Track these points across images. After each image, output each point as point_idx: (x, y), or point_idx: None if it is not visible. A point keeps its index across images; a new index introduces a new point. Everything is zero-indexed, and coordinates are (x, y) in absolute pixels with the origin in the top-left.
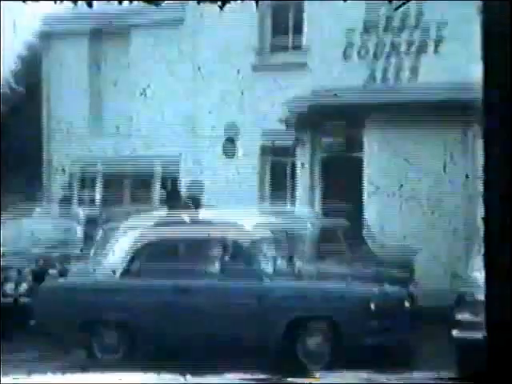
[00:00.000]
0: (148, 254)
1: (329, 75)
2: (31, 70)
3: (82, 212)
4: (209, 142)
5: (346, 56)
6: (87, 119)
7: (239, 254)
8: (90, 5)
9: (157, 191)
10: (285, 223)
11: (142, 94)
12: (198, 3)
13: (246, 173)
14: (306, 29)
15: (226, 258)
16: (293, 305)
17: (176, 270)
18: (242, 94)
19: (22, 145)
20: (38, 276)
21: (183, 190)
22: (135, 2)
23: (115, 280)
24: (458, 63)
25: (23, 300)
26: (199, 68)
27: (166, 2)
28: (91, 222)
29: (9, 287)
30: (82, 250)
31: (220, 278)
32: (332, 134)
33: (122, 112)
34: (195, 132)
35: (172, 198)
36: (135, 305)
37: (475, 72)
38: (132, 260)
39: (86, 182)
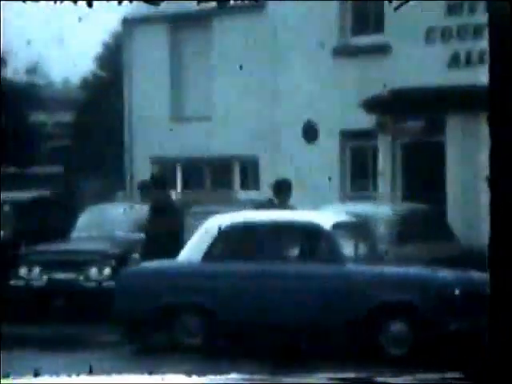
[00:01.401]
0: (230, 237)
1: (411, 58)
2: (114, 55)
3: None
4: (289, 125)
5: (428, 39)
6: (168, 104)
7: (321, 238)
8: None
9: (237, 175)
10: (366, 208)
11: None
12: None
13: (327, 158)
14: (387, 11)
15: (308, 242)
16: (376, 290)
17: (257, 254)
18: (322, 77)
19: (103, 130)
20: (121, 260)
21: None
22: None
23: (197, 264)
24: None
25: (107, 284)
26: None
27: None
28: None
29: (93, 271)
30: None
31: (301, 263)
32: (413, 118)
33: (202, 97)
34: (275, 117)
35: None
36: (217, 289)
37: None
38: (214, 244)
39: (167, 166)
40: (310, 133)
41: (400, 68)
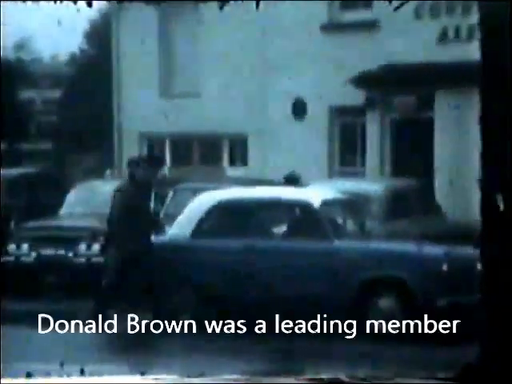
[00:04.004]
0: (218, 214)
1: (400, 34)
2: (102, 32)
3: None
4: (278, 102)
5: (417, 14)
6: (157, 80)
7: (309, 214)
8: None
9: (226, 152)
10: (355, 184)
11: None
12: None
13: (316, 134)
14: None
15: (296, 219)
16: (364, 266)
17: (245, 231)
18: (311, 53)
19: (92, 106)
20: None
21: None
22: None
23: (186, 240)
24: None
25: (96, 260)
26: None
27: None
28: (161, 183)
29: (82, 248)
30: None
31: (290, 240)
32: (403, 94)
33: (191, 74)
34: (264, 93)
35: None
36: (204, 265)
37: None
38: (202, 220)
39: (156, 143)
40: (298, 109)
41: (389, 44)
